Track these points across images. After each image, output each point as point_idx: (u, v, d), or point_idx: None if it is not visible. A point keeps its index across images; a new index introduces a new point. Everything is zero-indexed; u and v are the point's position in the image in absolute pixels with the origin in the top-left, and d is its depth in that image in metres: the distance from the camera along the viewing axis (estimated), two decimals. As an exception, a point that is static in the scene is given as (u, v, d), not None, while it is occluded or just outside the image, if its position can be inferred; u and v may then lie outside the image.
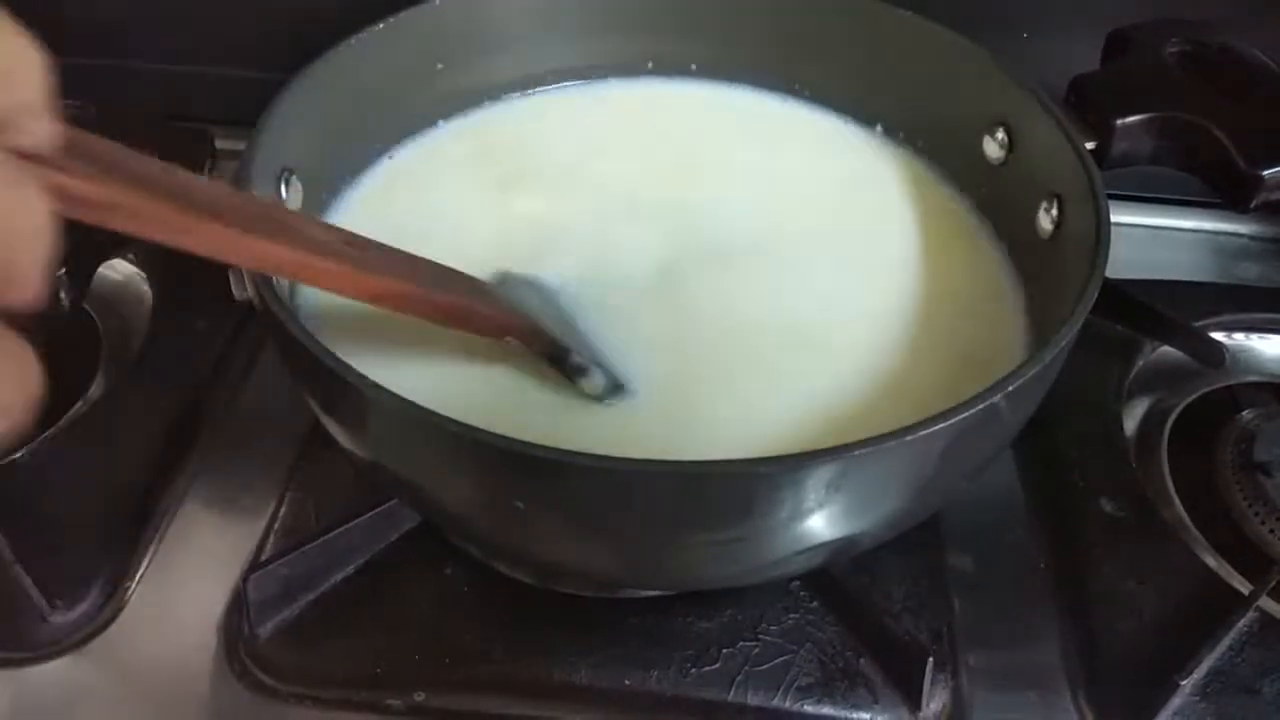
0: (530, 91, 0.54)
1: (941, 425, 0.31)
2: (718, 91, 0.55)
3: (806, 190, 0.50)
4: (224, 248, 0.28)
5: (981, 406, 0.32)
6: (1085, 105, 0.44)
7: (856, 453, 0.31)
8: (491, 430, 0.30)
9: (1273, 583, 0.43)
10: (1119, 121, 0.43)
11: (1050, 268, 0.43)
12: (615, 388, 0.39)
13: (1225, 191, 0.42)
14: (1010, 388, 0.33)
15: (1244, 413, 0.52)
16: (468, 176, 0.50)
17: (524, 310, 0.40)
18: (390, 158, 0.50)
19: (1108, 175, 0.41)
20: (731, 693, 0.41)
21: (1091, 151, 0.42)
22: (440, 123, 0.52)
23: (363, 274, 0.32)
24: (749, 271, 0.45)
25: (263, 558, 0.44)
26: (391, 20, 0.47)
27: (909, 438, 0.31)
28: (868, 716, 0.41)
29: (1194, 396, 0.54)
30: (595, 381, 0.38)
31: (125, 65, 0.64)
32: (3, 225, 0.16)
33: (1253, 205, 0.41)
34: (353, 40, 0.46)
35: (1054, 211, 0.44)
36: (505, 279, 0.42)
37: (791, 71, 0.54)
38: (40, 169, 0.18)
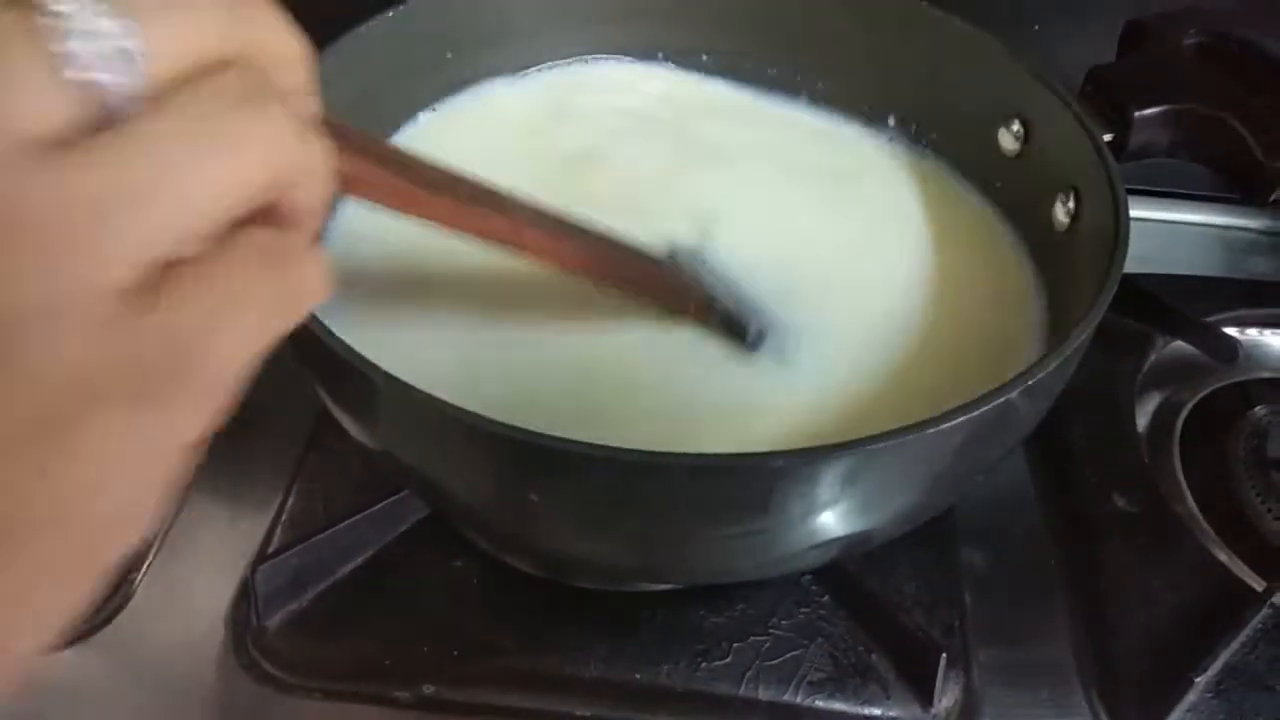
0: (541, 73, 0.54)
1: (958, 420, 0.31)
2: (730, 83, 0.54)
3: (821, 184, 0.50)
4: (449, 217, 0.32)
5: (998, 402, 0.32)
6: (1102, 97, 0.44)
7: (873, 447, 0.30)
8: (511, 423, 0.29)
9: (1287, 579, 0.42)
10: (1137, 113, 0.42)
11: (1065, 261, 0.43)
12: (780, 351, 0.41)
13: (1243, 184, 0.42)
14: (1028, 383, 0.33)
15: (1256, 408, 0.52)
16: (479, 160, 0.49)
17: (700, 281, 0.42)
18: (399, 140, 0.50)
19: (1120, 169, 0.41)
20: (742, 687, 0.41)
21: (1109, 143, 0.42)
22: (450, 107, 0.52)
23: (559, 241, 0.36)
24: (759, 266, 0.45)
25: (271, 549, 0.44)
26: (402, 8, 0.47)
27: (926, 432, 0.31)
28: (879, 712, 0.40)
29: (1206, 392, 0.54)
30: (769, 350, 0.41)
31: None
32: (307, 166, 0.20)
33: (1271, 199, 0.41)
34: (363, 28, 0.46)
35: (1070, 204, 0.43)
36: (677, 252, 0.43)
37: (803, 63, 0.53)
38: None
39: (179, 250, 0.18)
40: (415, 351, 0.40)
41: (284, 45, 0.21)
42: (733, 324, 0.41)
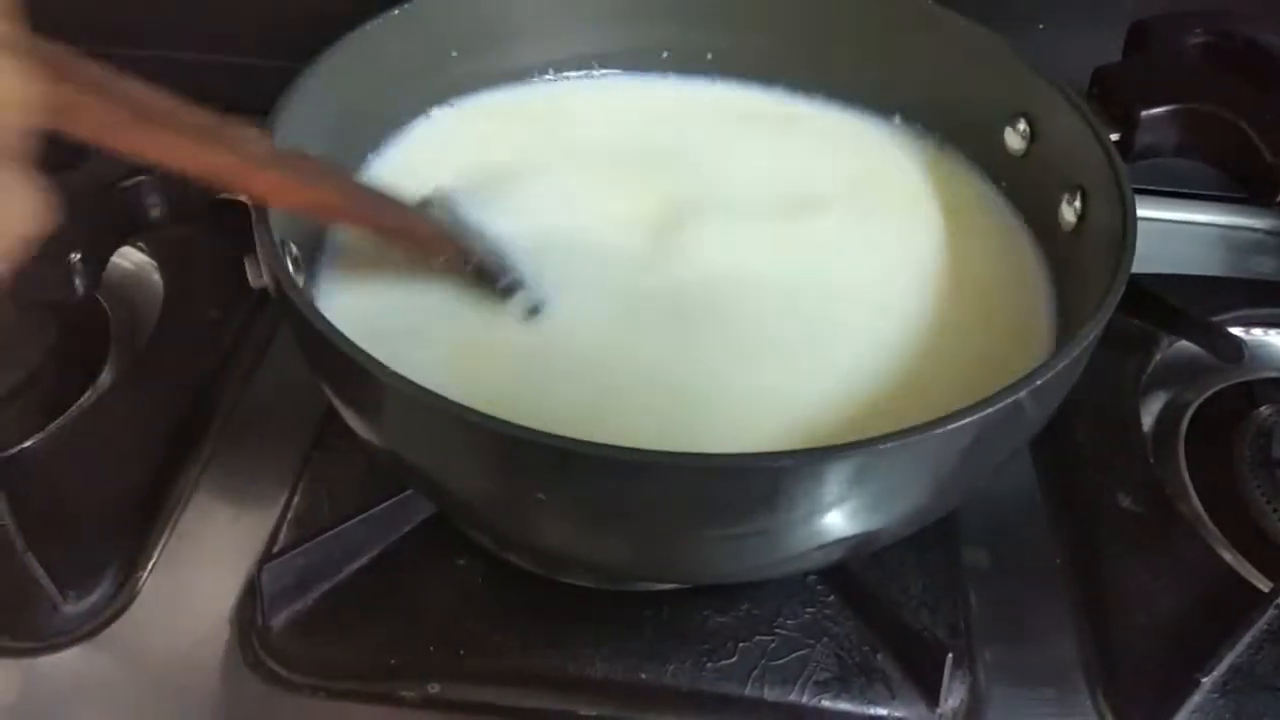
0: (545, 78, 0.54)
1: (966, 421, 0.31)
2: (736, 81, 0.54)
3: (827, 182, 0.50)
4: (171, 154, 0.30)
5: (1006, 403, 0.32)
6: (1109, 97, 0.44)
7: (880, 447, 0.30)
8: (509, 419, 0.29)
9: (1293, 580, 0.42)
10: (1144, 113, 0.42)
11: (1072, 260, 0.43)
12: (534, 309, 0.42)
13: (1250, 184, 0.42)
14: (1036, 383, 0.33)
15: (1261, 408, 0.52)
16: (480, 159, 0.49)
17: (456, 232, 0.42)
18: (403, 142, 0.50)
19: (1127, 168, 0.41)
20: (748, 687, 0.41)
21: (1116, 143, 0.42)
22: (453, 107, 0.52)
23: (297, 185, 0.35)
24: (767, 262, 0.45)
25: (276, 548, 0.44)
26: (406, 6, 0.47)
27: (934, 433, 0.31)
28: (885, 712, 0.40)
29: (1211, 392, 0.54)
30: (519, 303, 0.41)
31: (139, 54, 0.63)
32: (7, 87, 0.20)
33: (1278, 198, 0.41)
34: (367, 27, 0.46)
35: (1077, 204, 0.43)
36: (430, 201, 0.43)
37: (810, 62, 0.53)
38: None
39: None
40: (417, 347, 0.40)
41: None
42: (485, 274, 0.41)
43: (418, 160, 0.49)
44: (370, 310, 0.42)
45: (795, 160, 0.51)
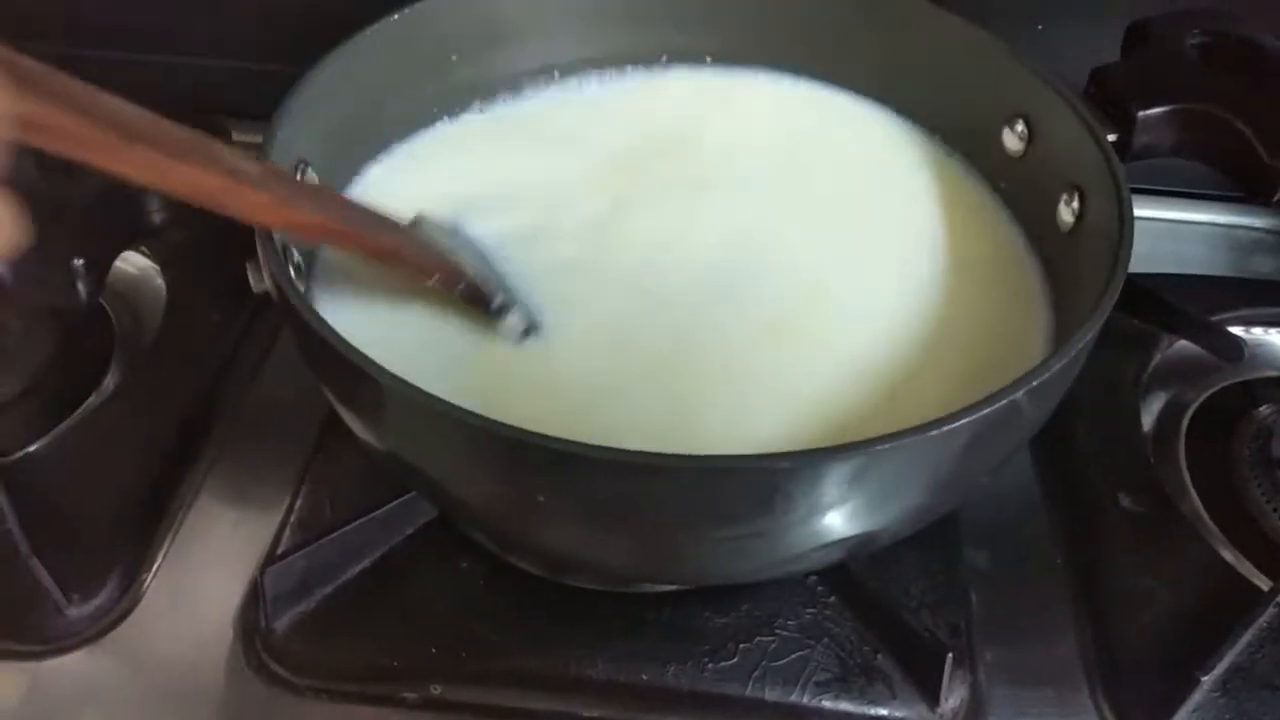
0: (545, 82, 0.54)
1: (964, 421, 0.31)
2: (734, 81, 0.54)
3: (825, 184, 0.50)
4: (155, 172, 0.29)
5: (1004, 403, 0.32)
6: (1106, 97, 0.44)
7: (879, 448, 0.30)
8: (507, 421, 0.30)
9: (1292, 578, 0.42)
10: (1141, 113, 0.42)
11: (1070, 260, 0.43)
12: (528, 330, 0.41)
13: (1248, 184, 0.42)
14: (1033, 384, 0.33)
15: (1261, 408, 0.52)
16: (478, 164, 0.50)
17: (446, 252, 0.41)
18: (405, 147, 0.50)
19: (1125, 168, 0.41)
20: (749, 688, 0.41)
21: (1113, 144, 0.42)
22: (455, 112, 0.52)
23: (285, 206, 0.34)
24: (764, 265, 0.45)
25: (279, 551, 0.44)
26: (406, 11, 0.47)
27: (932, 433, 0.31)
28: (885, 712, 0.40)
29: (1211, 391, 0.54)
30: (513, 323, 0.41)
31: (139, 58, 0.63)
32: None
33: (1276, 198, 0.41)
34: (367, 32, 0.46)
35: (1075, 204, 0.43)
36: (420, 221, 0.42)
37: (807, 64, 0.54)
38: None
39: None
40: (418, 346, 0.40)
41: None
42: (477, 294, 0.41)
43: (418, 165, 0.49)
44: (371, 314, 0.42)
45: (793, 162, 0.51)
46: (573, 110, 0.53)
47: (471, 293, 0.41)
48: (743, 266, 0.45)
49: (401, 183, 0.48)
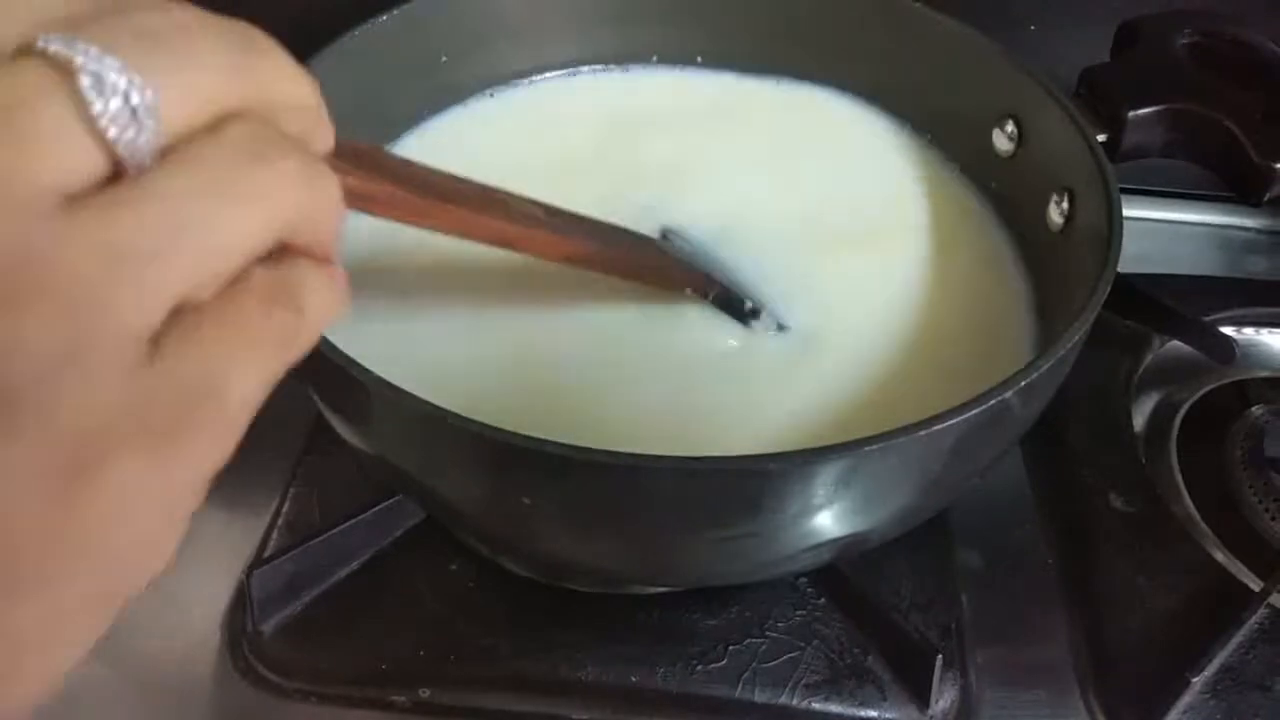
0: (537, 79, 0.54)
1: (953, 421, 0.31)
2: (724, 82, 0.54)
3: (813, 185, 0.50)
4: (463, 226, 0.33)
5: (993, 403, 0.32)
6: (1096, 97, 0.44)
7: (867, 449, 0.30)
8: (503, 425, 0.29)
9: (1284, 579, 0.42)
10: (1130, 114, 0.42)
11: (1060, 261, 0.43)
12: (780, 326, 0.43)
13: (1237, 184, 0.42)
14: (1022, 383, 0.33)
15: (1253, 408, 0.52)
16: (474, 162, 0.49)
17: (697, 263, 0.44)
18: (396, 148, 0.50)
19: (1114, 168, 0.41)
20: (738, 690, 0.41)
21: (1103, 144, 0.42)
22: (445, 112, 0.52)
23: (564, 239, 0.37)
24: (751, 264, 0.45)
25: (266, 553, 0.44)
26: (396, 12, 0.47)
27: (920, 433, 0.31)
28: (875, 714, 0.40)
29: (1203, 392, 0.54)
30: (765, 322, 0.43)
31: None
32: (318, 207, 0.21)
33: (1266, 198, 0.41)
34: (357, 32, 0.46)
35: (1064, 205, 0.43)
36: (670, 234, 0.45)
37: (797, 64, 0.54)
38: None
39: (195, 295, 0.19)
40: (422, 348, 0.40)
41: (292, 90, 0.22)
42: (729, 299, 0.42)
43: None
44: (359, 313, 0.41)
45: (781, 162, 0.51)
46: (563, 107, 0.53)
47: (724, 298, 0.43)
48: (730, 266, 0.44)
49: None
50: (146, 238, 0.18)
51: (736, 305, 0.42)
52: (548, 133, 0.52)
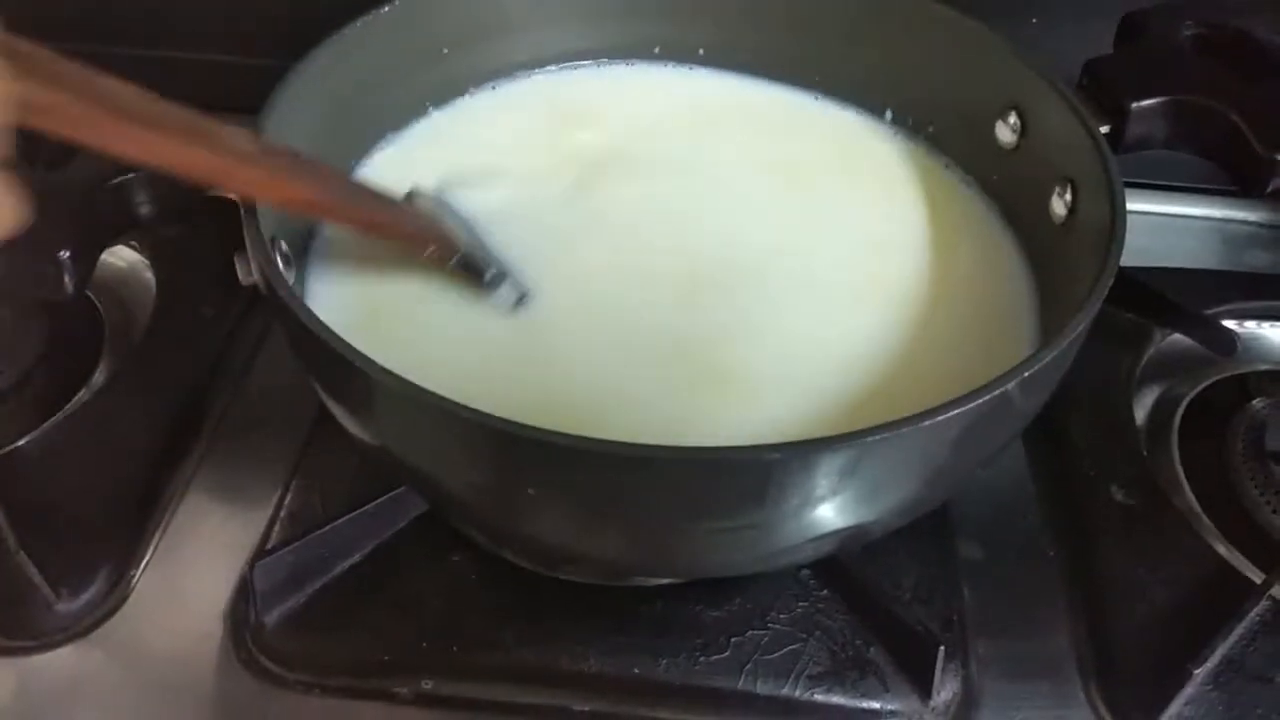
0: (537, 73, 0.54)
1: (955, 412, 0.31)
2: (724, 77, 0.54)
3: (816, 176, 0.50)
4: (152, 152, 0.30)
5: (995, 394, 0.32)
6: (1099, 89, 0.43)
7: (870, 439, 0.30)
8: (499, 415, 0.29)
9: (1285, 571, 0.42)
10: (1134, 105, 0.42)
11: (1063, 254, 0.43)
12: (520, 298, 0.42)
13: (1240, 176, 0.42)
14: (1024, 375, 0.33)
15: (1255, 401, 0.52)
16: (472, 155, 0.49)
17: (441, 225, 0.43)
18: (397, 140, 0.50)
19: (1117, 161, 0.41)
20: (741, 681, 0.41)
21: (1106, 135, 0.42)
22: (447, 105, 0.52)
23: (281, 182, 0.35)
24: (754, 255, 0.45)
25: (269, 545, 0.44)
26: (396, 4, 0.47)
27: (923, 424, 0.31)
28: (878, 705, 0.40)
29: (1205, 384, 0.54)
30: (505, 294, 0.42)
31: (127, 52, 0.63)
32: None
33: (1269, 189, 0.41)
34: (358, 24, 0.46)
35: (1067, 197, 0.43)
36: (414, 196, 0.43)
37: (799, 56, 0.53)
38: None
39: None
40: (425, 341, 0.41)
41: None
42: (471, 265, 0.42)
43: (411, 158, 0.49)
44: (363, 303, 0.42)
45: (784, 153, 0.51)
46: (561, 101, 0.53)
47: (466, 264, 0.42)
48: (733, 260, 0.44)
49: (394, 174, 0.48)
50: None
51: (478, 273, 0.42)
52: (549, 125, 0.51)
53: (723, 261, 0.45)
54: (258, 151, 0.34)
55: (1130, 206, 0.38)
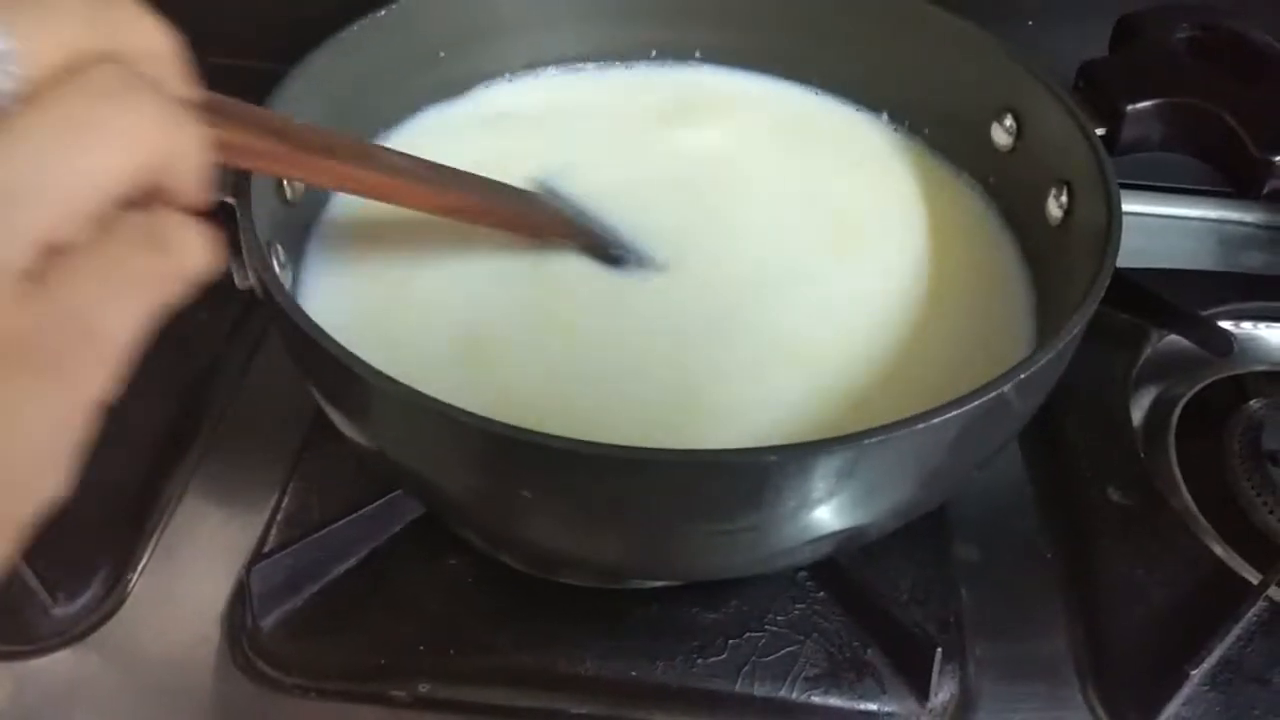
0: (533, 75, 0.54)
1: (952, 414, 0.31)
2: (721, 78, 0.54)
3: (812, 177, 0.50)
4: (330, 176, 0.34)
5: (991, 396, 0.32)
6: (1095, 91, 0.44)
7: (867, 441, 0.30)
8: (489, 416, 0.30)
9: (1282, 572, 0.42)
10: (1129, 107, 0.42)
11: (1059, 255, 0.43)
12: (661, 266, 0.45)
13: (1236, 177, 0.42)
14: (1020, 376, 0.33)
15: (1251, 402, 0.52)
16: (471, 157, 0.49)
17: (570, 213, 0.46)
18: (394, 140, 0.50)
19: (1113, 162, 0.41)
20: (738, 683, 0.41)
21: (1101, 137, 0.42)
22: (444, 106, 0.52)
23: (438, 192, 0.39)
24: (750, 259, 0.45)
25: (266, 549, 0.44)
26: (393, 7, 0.47)
27: (919, 426, 0.31)
28: (875, 707, 0.40)
29: (1201, 385, 0.54)
30: (633, 264, 0.44)
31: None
32: (179, 149, 0.22)
33: (1264, 191, 0.41)
34: (354, 28, 0.46)
35: (1063, 199, 0.43)
36: (541, 188, 0.47)
37: (795, 59, 0.53)
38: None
39: (67, 236, 0.20)
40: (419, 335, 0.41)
41: (149, 38, 0.23)
42: (598, 244, 0.45)
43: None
44: (359, 303, 0.42)
45: (781, 155, 0.51)
46: (561, 102, 0.53)
47: (594, 247, 0.44)
48: (728, 264, 0.44)
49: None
50: (9, 177, 0.19)
51: (604, 250, 0.44)
52: (547, 128, 0.51)
53: (719, 264, 0.45)
54: (415, 167, 0.38)
55: (1126, 208, 0.39)
